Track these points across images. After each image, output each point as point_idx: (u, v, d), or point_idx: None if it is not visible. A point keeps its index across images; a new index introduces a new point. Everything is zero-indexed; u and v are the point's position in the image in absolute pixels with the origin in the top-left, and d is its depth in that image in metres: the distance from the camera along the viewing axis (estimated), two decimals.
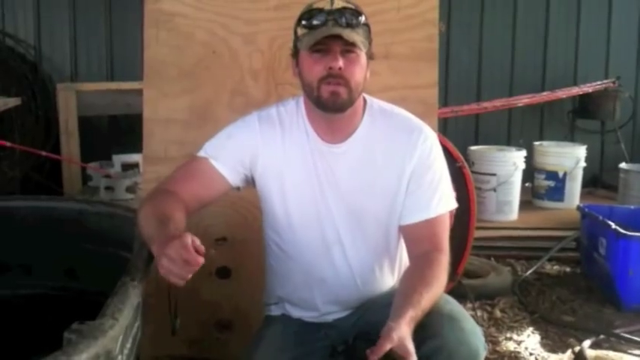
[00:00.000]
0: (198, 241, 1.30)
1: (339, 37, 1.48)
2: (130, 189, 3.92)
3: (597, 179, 5.02)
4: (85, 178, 4.38)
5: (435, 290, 1.49)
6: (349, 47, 1.51)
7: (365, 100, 1.66)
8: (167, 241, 1.31)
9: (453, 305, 1.54)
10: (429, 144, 1.64)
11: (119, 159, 4.16)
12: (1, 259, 1.82)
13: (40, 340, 1.65)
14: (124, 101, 4.32)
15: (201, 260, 1.29)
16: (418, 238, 1.62)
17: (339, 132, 1.63)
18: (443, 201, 1.63)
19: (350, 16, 1.51)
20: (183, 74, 2.26)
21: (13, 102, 3.98)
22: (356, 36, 1.50)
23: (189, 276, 1.30)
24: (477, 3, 5.15)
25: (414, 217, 1.62)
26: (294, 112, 1.67)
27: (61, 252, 1.79)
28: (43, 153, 3.93)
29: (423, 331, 1.43)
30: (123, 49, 4.89)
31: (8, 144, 3.75)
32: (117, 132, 4.77)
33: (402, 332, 1.35)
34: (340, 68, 1.50)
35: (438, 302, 1.50)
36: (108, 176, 4.02)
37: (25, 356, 1.36)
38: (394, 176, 1.62)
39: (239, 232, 2.23)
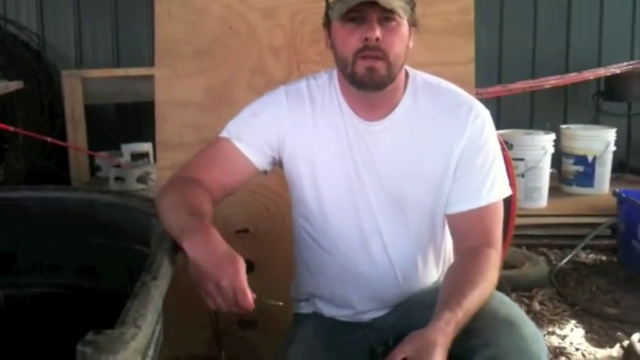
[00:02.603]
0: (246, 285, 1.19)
1: (375, 3, 1.29)
2: (141, 179, 3.76)
3: (624, 164, 4.82)
4: (94, 168, 4.22)
5: (483, 291, 1.30)
6: (388, 14, 1.32)
7: (407, 74, 1.47)
8: (216, 258, 1.19)
9: (510, 307, 1.34)
10: (481, 122, 1.45)
11: (128, 148, 4.00)
12: (6, 254, 1.65)
13: (49, 345, 1.49)
14: (133, 88, 4.15)
15: (252, 307, 1.19)
16: (466, 230, 1.44)
17: (378, 109, 1.44)
18: (495, 187, 1.44)
19: None
20: (197, 53, 2.09)
21: (14, 85, 3.84)
22: (395, 1, 1.31)
23: None
24: None
25: (462, 205, 1.44)
26: (326, 85, 1.49)
27: (71, 246, 1.63)
28: (49, 139, 3.75)
29: (474, 339, 1.25)
30: (129, 34, 4.70)
31: (12, 128, 3.58)
32: (124, 121, 4.60)
33: (430, 339, 1.18)
34: (377, 39, 1.32)
35: (491, 304, 1.31)
36: (118, 166, 3.86)
37: None
38: (440, 158, 1.44)
39: (261, 223, 2.07)
